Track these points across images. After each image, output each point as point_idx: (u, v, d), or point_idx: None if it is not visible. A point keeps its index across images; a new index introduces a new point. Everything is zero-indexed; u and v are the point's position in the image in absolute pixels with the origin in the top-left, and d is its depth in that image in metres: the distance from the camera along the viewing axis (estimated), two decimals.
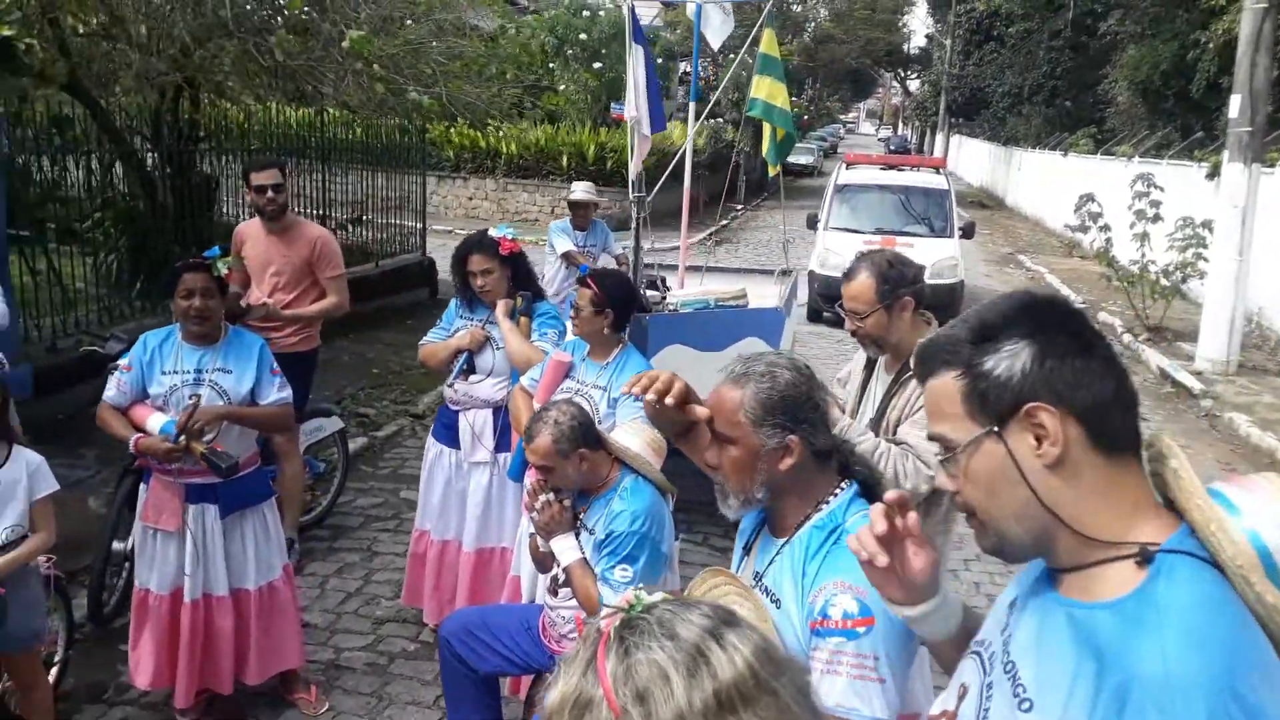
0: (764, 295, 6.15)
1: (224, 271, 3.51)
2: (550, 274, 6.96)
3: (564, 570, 2.92)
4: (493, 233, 4.08)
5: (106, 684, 3.83)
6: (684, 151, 6.29)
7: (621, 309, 3.68)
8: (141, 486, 3.58)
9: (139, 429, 3.40)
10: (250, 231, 4.92)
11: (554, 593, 3.07)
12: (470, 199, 19.84)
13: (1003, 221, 25.83)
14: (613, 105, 18.48)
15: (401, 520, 5.43)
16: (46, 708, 3.29)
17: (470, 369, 4.05)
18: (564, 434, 2.87)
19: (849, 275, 3.13)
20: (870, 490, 1.88)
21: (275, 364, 3.65)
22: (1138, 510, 1.22)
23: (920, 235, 12.30)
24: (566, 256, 6.75)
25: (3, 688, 3.32)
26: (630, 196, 5.18)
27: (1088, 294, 14.15)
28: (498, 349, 4.03)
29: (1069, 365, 1.21)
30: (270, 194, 4.70)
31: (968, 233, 12.55)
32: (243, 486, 3.57)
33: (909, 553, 1.42)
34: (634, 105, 5.73)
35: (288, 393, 3.66)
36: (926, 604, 1.44)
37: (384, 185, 10.66)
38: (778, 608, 1.82)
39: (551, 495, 2.94)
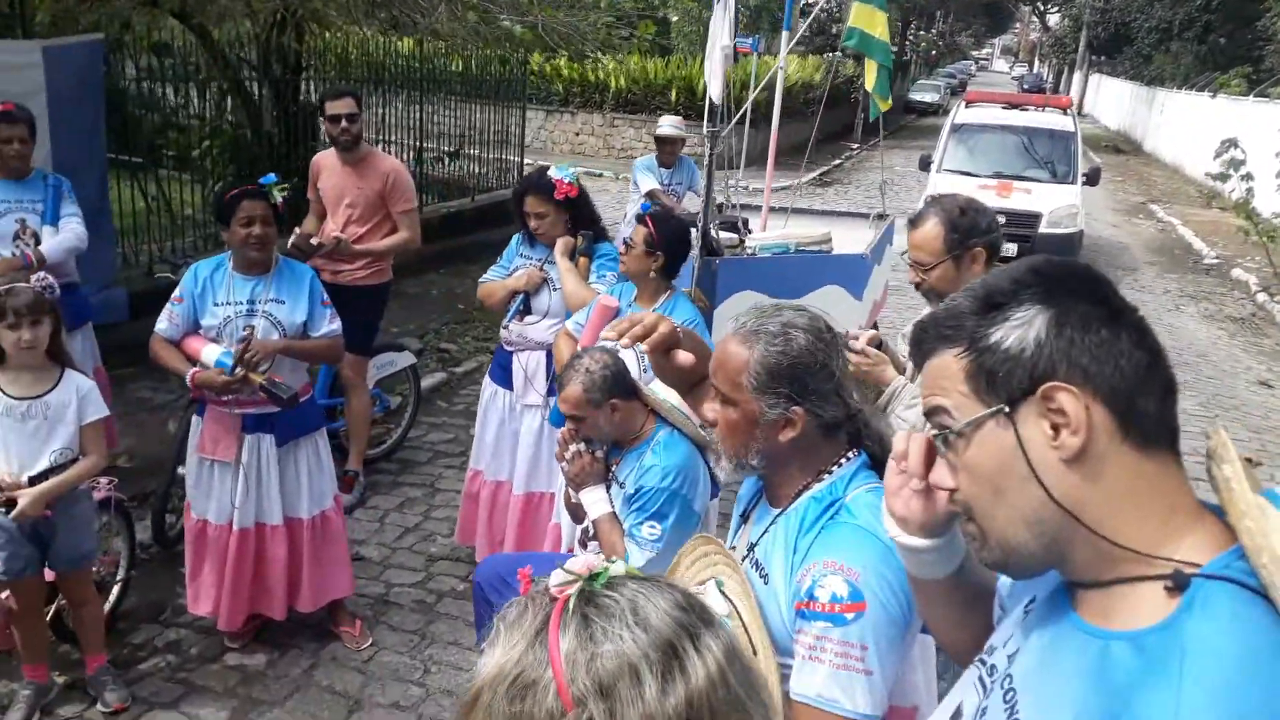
0: (854, 240, 5.84)
1: (279, 199, 3.46)
2: (632, 212, 6.77)
3: (592, 523, 2.81)
4: (552, 173, 3.93)
5: (165, 605, 3.94)
6: (778, 84, 5.98)
7: (673, 254, 3.50)
8: (195, 419, 3.60)
9: (193, 361, 3.41)
10: (326, 162, 4.89)
11: (584, 545, 2.96)
12: (577, 134, 19.69)
13: (1138, 168, 24.25)
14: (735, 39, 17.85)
15: (468, 458, 5.41)
16: (97, 625, 3.39)
17: (526, 309, 3.94)
18: (595, 383, 2.73)
19: (914, 222, 2.87)
20: (880, 463, 1.68)
21: (325, 294, 3.62)
22: (1175, 517, 1.00)
23: (1040, 180, 11.58)
24: (650, 195, 6.55)
25: (58, 604, 3.43)
26: (705, 130, 4.89)
27: (1223, 248, 13.15)
28: (555, 290, 3.90)
29: (1093, 336, 0.99)
30: (344, 124, 4.64)
31: (1092, 179, 11.75)
32: (298, 416, 3.57)
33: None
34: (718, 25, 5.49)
35: (338, 324, 3.63)
36: (939, 538, 1.23)
37: (484, 118, 10.59)
38: (765, 583, 1.66)
39: (582, 446, 2.82)
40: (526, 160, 11.28)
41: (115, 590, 3.83)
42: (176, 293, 3.47)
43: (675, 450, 2.75)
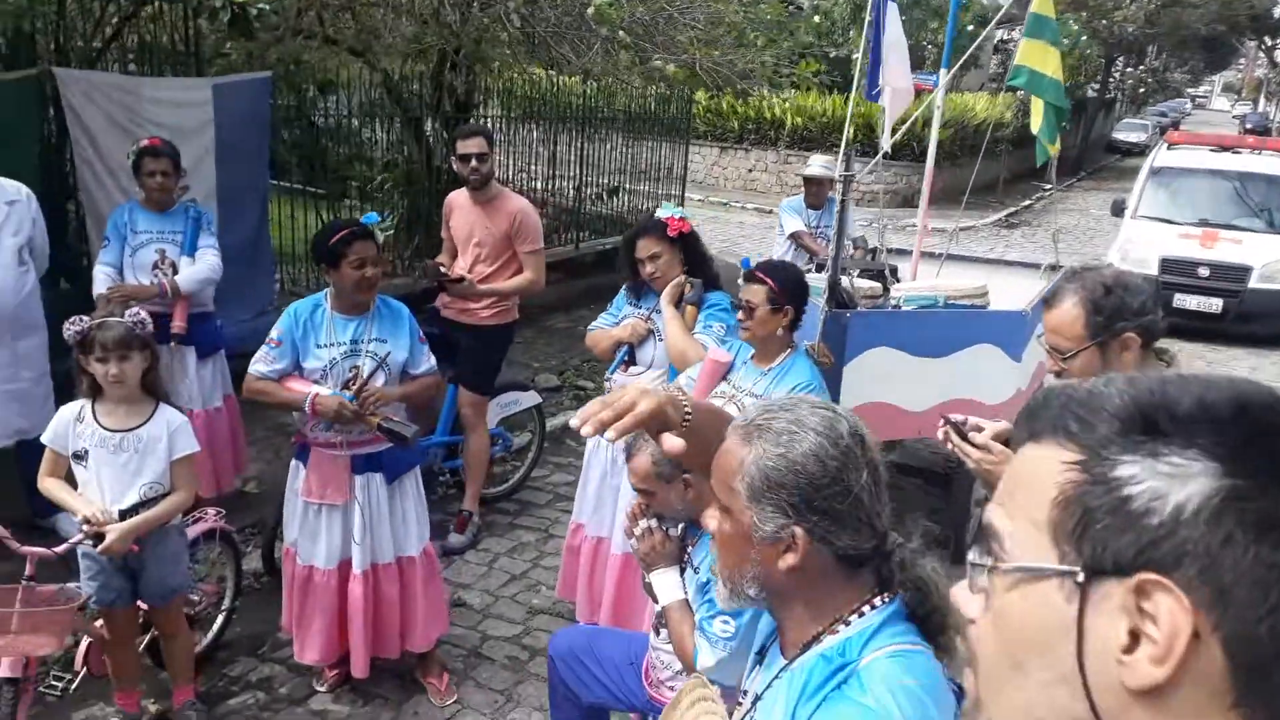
0: (1018, 294, 5.33)
1: (380, 240, 3.41)
2: (777, 256, 6.47)
3: (663, 610, 2.55)
4: (660, 213, 3.75)
5: (265, 638, 3.94)
6: (934, 121, 5.58)
7: (800, 305, 3.23)
8: (295, 463, 3.56)
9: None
10: (458, 201, 4.88)
11: (656, 631, 2.71)
12: (750, 170, 19.51)
13: None
14: (916, 74, 17.34)
15: None
16: (186, 658, 3.40)
17: (631, 360, 3.74)
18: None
19: (1050, 300, 2.45)
20: (925, 618, 1.34)
21: (421, 332, 3.57)
22: None
23: (1252, 230, 10.46)
24: (795, 237, 6.25)
25: (153, 635, 3.46)
26: (838, 171, 4.49)
27: None
28: (660, 340, 3.68)
29: (1266, 550, 0.65)
30: (474, 163, 4.61)
31: None
32: (403, 453, 3.49)
33: None
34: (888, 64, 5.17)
35: (434, 361, 3.58)
36: None
37: (647, 155, 10.56)
38: None
39: (653, 522, 2.57)
40: (690, 195, 11.14)
41: (219, 621, 3.87)
42: (274, 334, 3.42)
43: None
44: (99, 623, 3.24)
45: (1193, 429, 0.69)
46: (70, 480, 3.07)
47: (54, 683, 3.40)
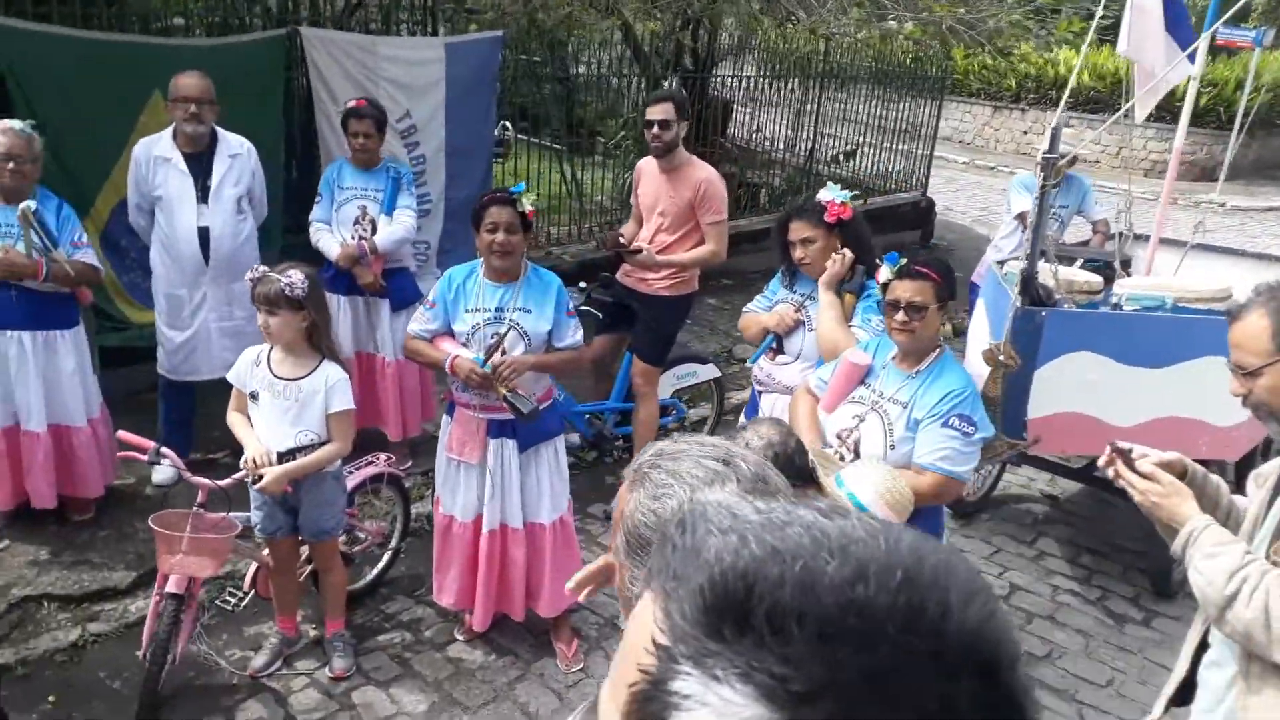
0: None
1: (528, 208, 3.41)
2: (999, 236, 5.94)
3: None
4: (822, 195, 3.51)
5: (424, 580, 4.16)
6: (1189, 92, 4.86)
7: (953, 295, 2.95)
8: (445, 419, 3.72)
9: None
10: (646, 169, 4.83)
11: None
12: (1025, 133, 18.02)
13: None
14: (1219, 30, 15.27)
15: None
16: (337, 593, 3.65)
17: (778, 348, 3.56)
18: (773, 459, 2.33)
19: (1235, 314, 2.12)
20: None
21: (571, 304, 3.57)
22: None
23: None
24: (1021, 218, 5.68)
25: (312, 568, 3.74)
26: (1040, 154, 3.94)
27: None
28: (809, 330, 3.48)
29: None
30: (656, 129, 4.54)
31: None
32: (540, 423, 3.55)
33: None
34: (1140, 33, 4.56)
35: (580, 335, 3.59)
36: None
37: (892, 114, 10.01)
38: None
39: None
40: (954, 157, 10.41)
41: (384, 560, 4.13)
42: (430, 296, 3.57)
43: None
44: (265, 550, 3.54)
45: (774, 638, 0.51)
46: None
47: (228, 598, 3.78)
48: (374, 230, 4.58)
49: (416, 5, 6.44)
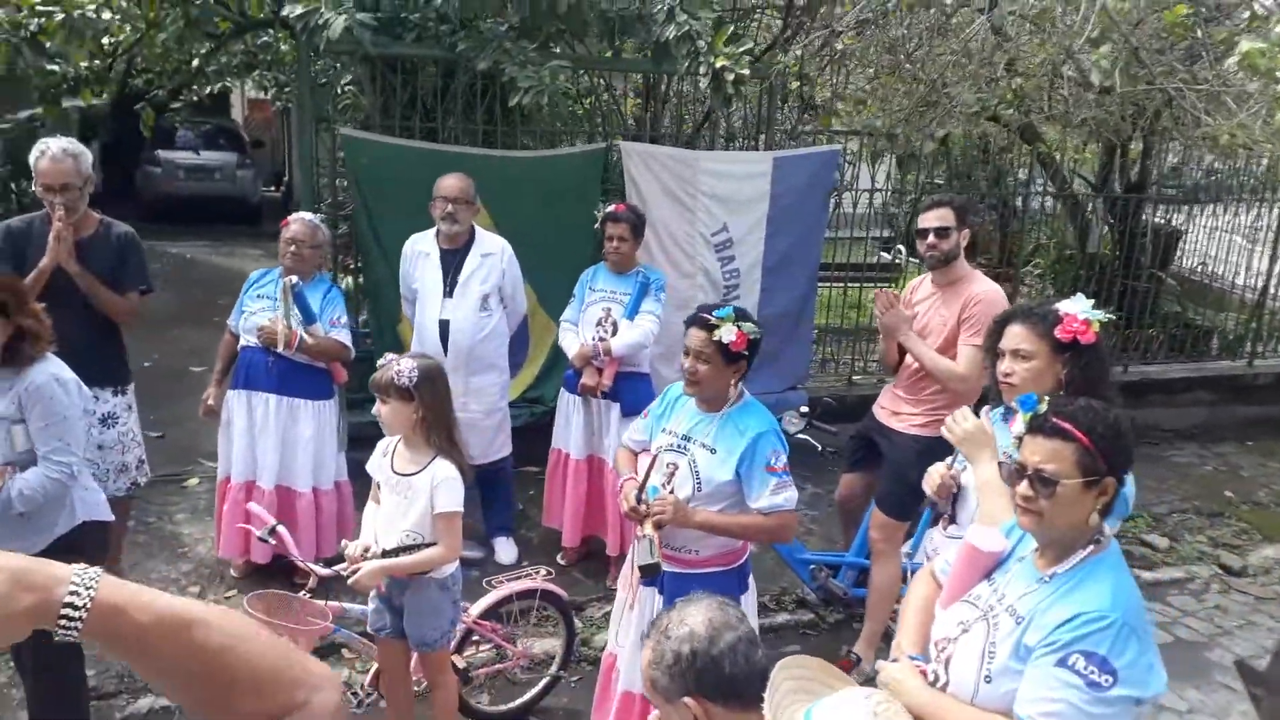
0: None
1: (727, 338, 2.88)
2: None
3: None
4: (1064, 306, 2.63)
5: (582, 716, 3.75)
6: None
7: (1121, 473, 1.98)
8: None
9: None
10: (923, 285, 4.09)
11: None
12: None
13: None
14: None
15: None
16: (446, 709, 3.38)
17: (950, 516, 2.66)
18: (670, 663, 1.67)
19: None
20: None
21: (778, 457, 2.92)
22: None
23: None
24: None
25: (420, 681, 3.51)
26: None
27: None
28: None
29: None
30: (931, 238, 3.82)
31: None
32: (691, 581, 2.97)
33: None
34: None
35: (785, 498, 2.89)
36: None
37: None
38: None
39: None
40: None
41: (540, 685, 3.80)
42: (652, 404, 3.29)
43: None
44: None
45: None
46: None
47: (350, 697, 3.68)
48: (614, 333, 4.41)
49: (765, 125, 6.24)
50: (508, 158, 5.49)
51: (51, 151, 3.63)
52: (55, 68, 5.65)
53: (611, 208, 4.52)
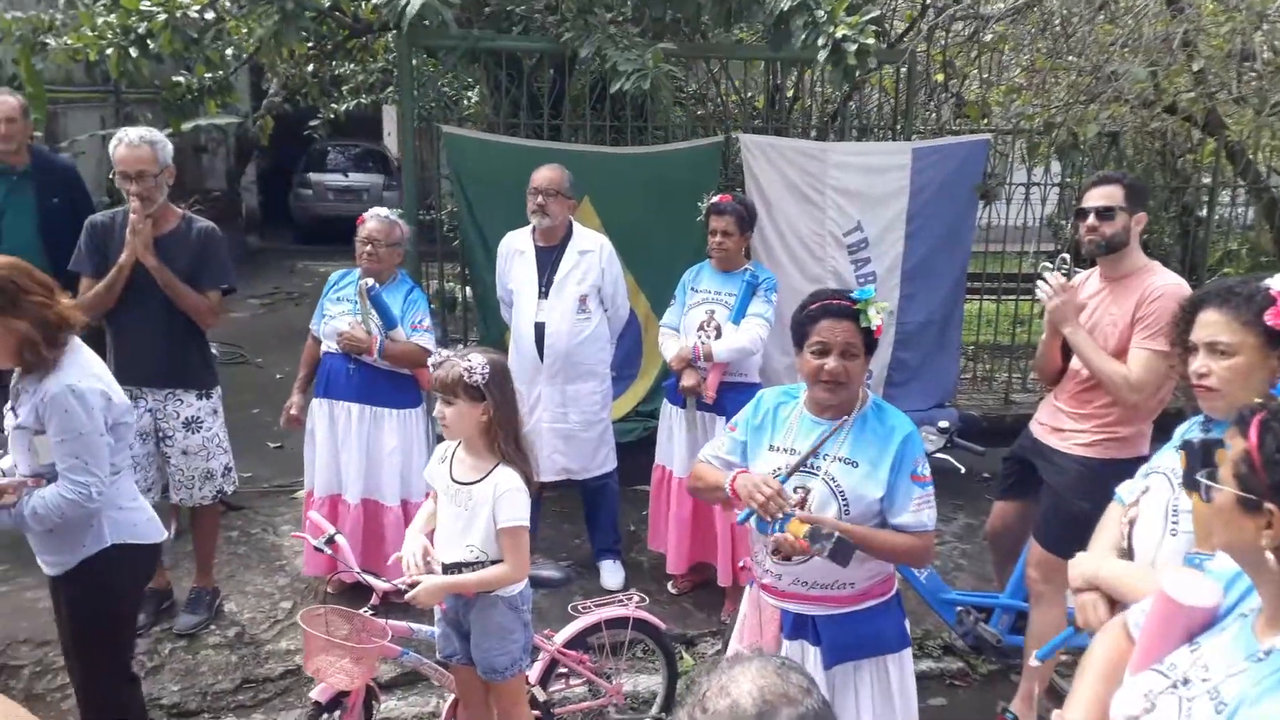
0: None
1: (876, 322, 2.43)
2: None
3: None
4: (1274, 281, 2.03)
5: None
6: None
7: None
8: (748, 590, 2.79)
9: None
10: (1090, 280, 3.47)
11: None
12: None
13: None
14: None
15: None
16: None
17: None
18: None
19: None
20: None
21: (924, 465, 2.46)
22: None
23: None
24: None
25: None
26: None
27: None
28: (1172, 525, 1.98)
29: None
30: (1091, 219, 3.22)
31: None
32: (867, 627, 2.54)
33: None
34: None
35: (929, 514, 2.44)
36: None
37: None
38: None
39: None
40: None
41: None
42: (736, 418, 2.75)
43: None
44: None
45: None
46: None
47: None
48: (718, 337, 3.97)
49: (904, 118, 5.71)
50: (616, 154, 5.16)
51: (129, 138, 3.53)
52: (180, 79, 5.72)
53: (715, 199, 4.09)
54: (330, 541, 3.03)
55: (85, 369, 2.70)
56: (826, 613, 2.49)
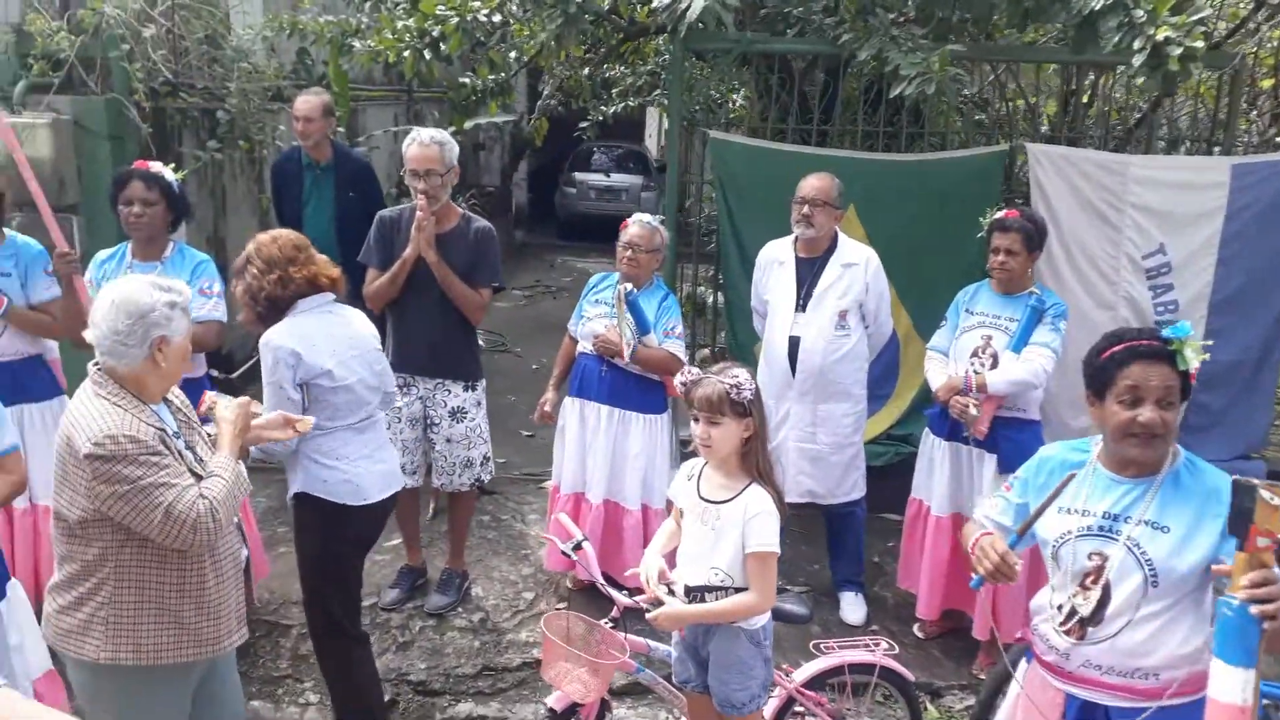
0: None
1: (1194, 365, 2.14)
2: None
3: None
4: None
5: None
6: None
7: None
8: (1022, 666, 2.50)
9: None
10: None
11: None
12: None
13: None
14: None
15: None
16: None
17: None
18: None
19: None
20: None
21: None
22: None
23: None
24: None
25: None
26: None
27: None
28: None
29: None
30: None
31: None
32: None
33: None
34: None
35: None
36: None
37: None
38: None
39: None
40: None
41: None
42: (1010, 479, 2.51)
43: None
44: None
45: None
46: None
47: None
48: (994, 366, 3.64)
49: (1224, 129, 5.07)
50: (887, 161, 4.89)
51: (421, 138, 3.70)
52: (466, 80, 6.02)
53: (1001, 213, 3.75)
54: (577, 548, 3.01)
55: (291, 329, 2.98)
56: (1122, 704, 2.17)
